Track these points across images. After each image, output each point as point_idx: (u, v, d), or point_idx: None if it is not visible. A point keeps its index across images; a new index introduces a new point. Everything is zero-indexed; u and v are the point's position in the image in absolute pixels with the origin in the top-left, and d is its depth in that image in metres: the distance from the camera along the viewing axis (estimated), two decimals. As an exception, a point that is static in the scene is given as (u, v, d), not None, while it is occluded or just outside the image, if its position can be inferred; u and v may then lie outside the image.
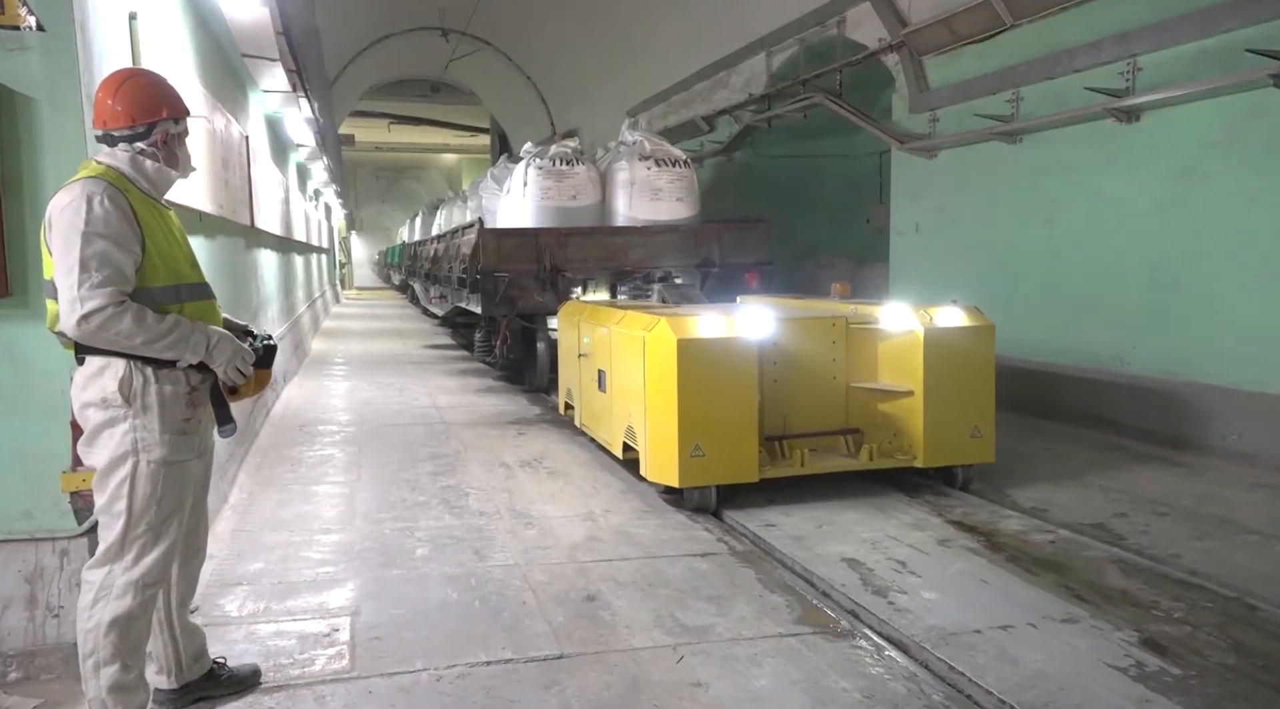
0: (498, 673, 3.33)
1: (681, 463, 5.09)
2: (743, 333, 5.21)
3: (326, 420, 8.43)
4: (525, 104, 25.16)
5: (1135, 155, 7.19)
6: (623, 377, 5.83)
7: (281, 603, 4.00)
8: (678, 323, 5.18)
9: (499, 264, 9.43)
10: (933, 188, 9.73)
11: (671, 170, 10.36)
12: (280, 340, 10.46)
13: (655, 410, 5.24)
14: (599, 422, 6.48)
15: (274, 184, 10.99)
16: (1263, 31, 5.91)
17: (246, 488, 5.96)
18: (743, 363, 5.18)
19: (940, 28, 8.83)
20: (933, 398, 5.45)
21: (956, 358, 5.51)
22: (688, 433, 5.06)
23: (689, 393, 5.05)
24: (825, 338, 5.78)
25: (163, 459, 2.74)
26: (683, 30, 15.25)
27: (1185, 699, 3.10)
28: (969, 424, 5.57)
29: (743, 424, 5.18)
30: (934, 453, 5.52)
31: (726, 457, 5.16)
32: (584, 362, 6.78)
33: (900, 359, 5.63)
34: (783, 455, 5.53)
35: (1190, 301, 6.76)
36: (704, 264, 9.94)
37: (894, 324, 5.69)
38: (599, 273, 9.78)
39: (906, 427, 5.59)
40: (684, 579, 4.27)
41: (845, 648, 3.53)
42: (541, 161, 10.31)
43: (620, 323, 5.93)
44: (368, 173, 42.47)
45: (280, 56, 7.51)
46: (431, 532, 5.00)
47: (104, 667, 2.71)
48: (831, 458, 5.60)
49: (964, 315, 5.63)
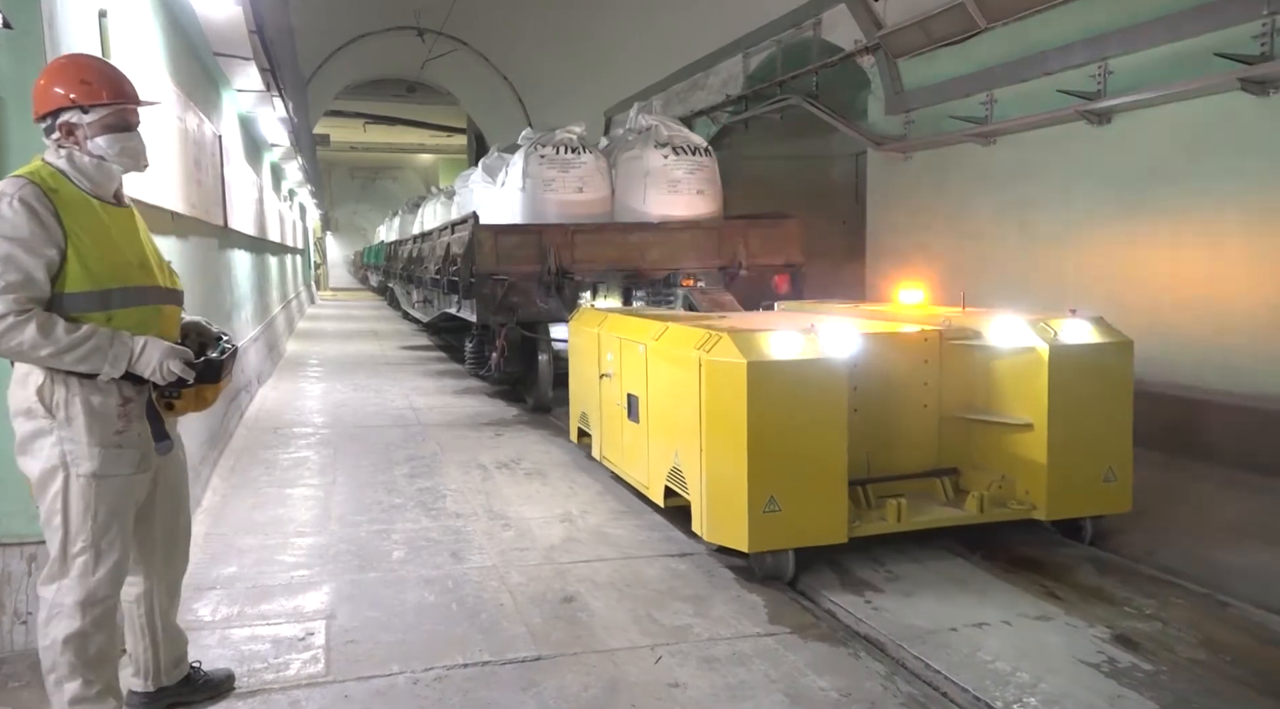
0: (475, 675, 3.32)
1: (752, 520, 4.02)
2: (828, 352, 4.15)
3: (302, 422, 8.35)
4: (502, 104, 25.08)
5: (1107, 157, 7.28)
6: (665, 405, 4.78)
7: (255, 607, 3.96)
8: (745, 340, 4.11)
9: (497, 265, 8.39)
10: (909, 189, 9.80)
11: (691, 159, 9.23)
12: (255, 342, 10.37)
13: (715, 451, 4.18)
14: (628, 458, 5.41)
15: (248, 184, 10.89)
16: (1230, 36, 6.00)
17: (220, 491, 5.90)
18: (829, 391, 4.12)
19: (915, 30, 8.90)
20: (1059, 432, 4.40)
21: (1088, 382, 4.47)
22: (760, 481, 4.01)
23: (762, 430, 4.00)
24: (915, 357, 4.78)
25: (92, 473, 2.60)
26: (660, 31, 15.28)
27: (1156, 694, 3.15)
28: (1102, 465, 4.52)
29: (829, 469, 4.13)
30: (1060, 501, 4.46)
31: (808, 511, 4.11)
32: (606, 383, 5.71)
33: (1014, 383, 4.58)
34: (867, 504, 4.50)
35: (1152, 303, 6.86)
36: (728, 265, 8.91)
37: (1004, 340, 4.62)
38: (611, 276, 8.73)
39: (1021, 468, 4.54)
40: (662, 579, 4.27)
41: (822, 647, 3.54)
42: (544, 149, 9.19)
43: (661, 338, 4.85)
44: (343, 173, 42.16)
45: (254, 55, 7.43)
46: (408, 534, 4.97)
47: (65, 683, 2.66)
48: (930, 508, 4.54)
49: (1094, 329, 4.58)
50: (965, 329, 4.86)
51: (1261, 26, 5.79)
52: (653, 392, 4.96)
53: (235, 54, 7.38)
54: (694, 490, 4.39)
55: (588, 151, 9.34)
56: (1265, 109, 5.97)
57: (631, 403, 5.25)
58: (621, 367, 5.46)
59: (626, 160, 9.40)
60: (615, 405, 5.54)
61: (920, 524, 4.39)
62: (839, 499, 4.17)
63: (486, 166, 10.92)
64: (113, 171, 2.69)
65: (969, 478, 4.74)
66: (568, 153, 9.21)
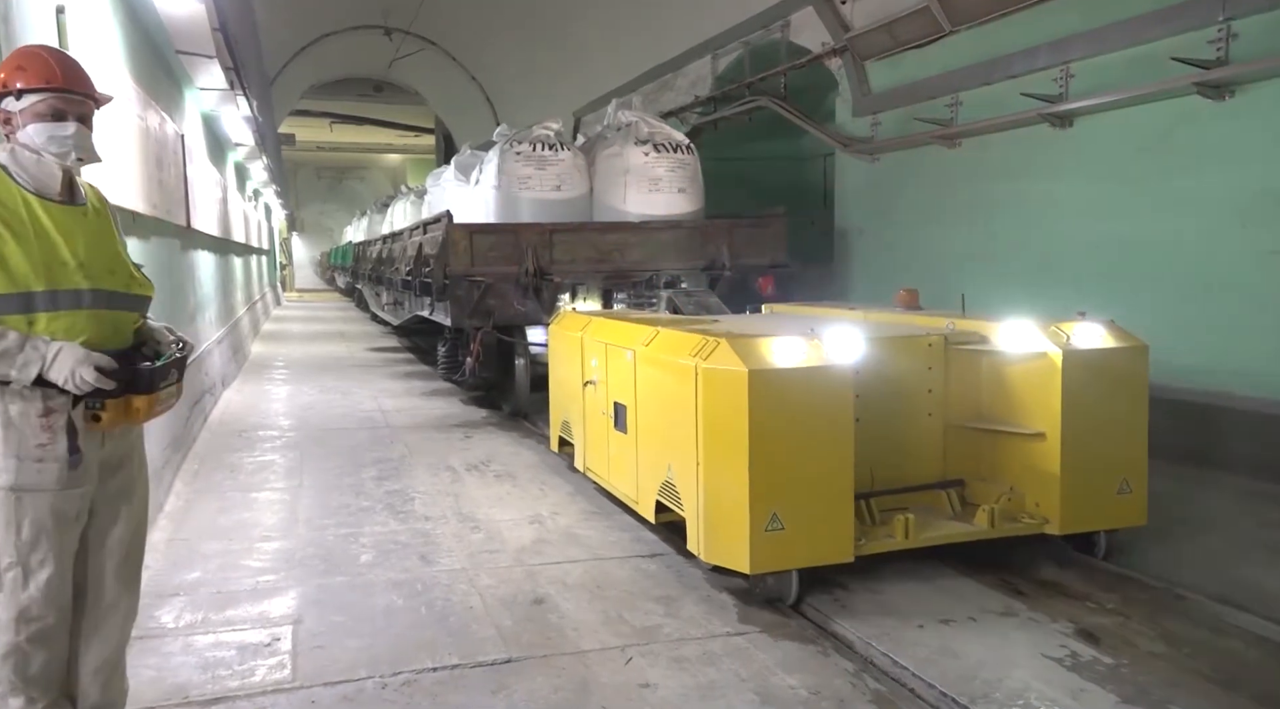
0: (444, 679, 3.30)
1: (754, 539, 3.77)
2: (833, 359, 3.92)
3: (267, 425, 8.25)
4: (470, 104, 24.95)
5: (1069, 159, 7.40)
6: (657, 415, 4.54)
7: (220, 613, 3.91)
8: (745, 347, 3.89)
9: (472, 266, 8.08)
10: (876, 190, 9.89)
11: (672, 156, 8.97)
12: (219, 344, 10.22)
13: (714, 465, 3.95)
14: (615, 470, 5.15)
15: (211, 184, 10.74)
16: (1187, 41, 6.13)
17: (183, 496, 5.81)
18: (834, 400, 3.89)
19: (881, 33, 8.98)
20: (1073, 442, 4.20)
21: (1103, 389, 4.28)
22: (763, 498, 3.77)
23: (765, 443, 3.77)
24: (919, 363, 4.57)
25: (10, 486, 2.44)
26: (629, 32, 15.29)
27: (1117, 687, 3.20)
28: (1116, 476, 4.34)
29: (834, 484, 3.89)
30: (1074, 514, 4.27)
31: (813, 529, 3.88)
32: (591, 391, 5.43)
33: (1024, 390, 4.37)
34: (872, 520, 4.25)
35: (1116, 303, 6.97)
36: (712, 266, 8.68)
37: (1013, 345, 4.41)
38: (590, 277, 8.46)
39: (1031, 479, 4.34)
40: (632, 580, 4.27)
41: (792, 645, 3.56)
42: (520, 146, 8.88)
43: (652, 344, 4.61)
44: (309, 172, 41.69)
45: (217, 53, 7.33)
46: (376, 537, 4.93)
47: (8, 698, 2.56)
48: (938, 523, 4.30)
49: (1107, 333, 4.38)
50: (970, 333, 4.65)
51: (1217, 32, 5.92)
52: (642, 401, 4.71)
53: (198, 52, 7.28)
54: (690, 507, 4.14)
55: (565, 148, 9.07)
56: (1221, 112, 6.10)
57: (619, 412, 5.00)
58: (607, 373, 5.21)
59: (606, 157, 9.14)
60: (600, 414, 5.30)
61: (929, 540, 4.17)
62: (845, 516, 3.93)
63: (460, 164, 10.70)
64: (53, 167, 2.52)
65: (975, 490, 4.52)
66: (545, 150, 8.92)
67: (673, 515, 4.40)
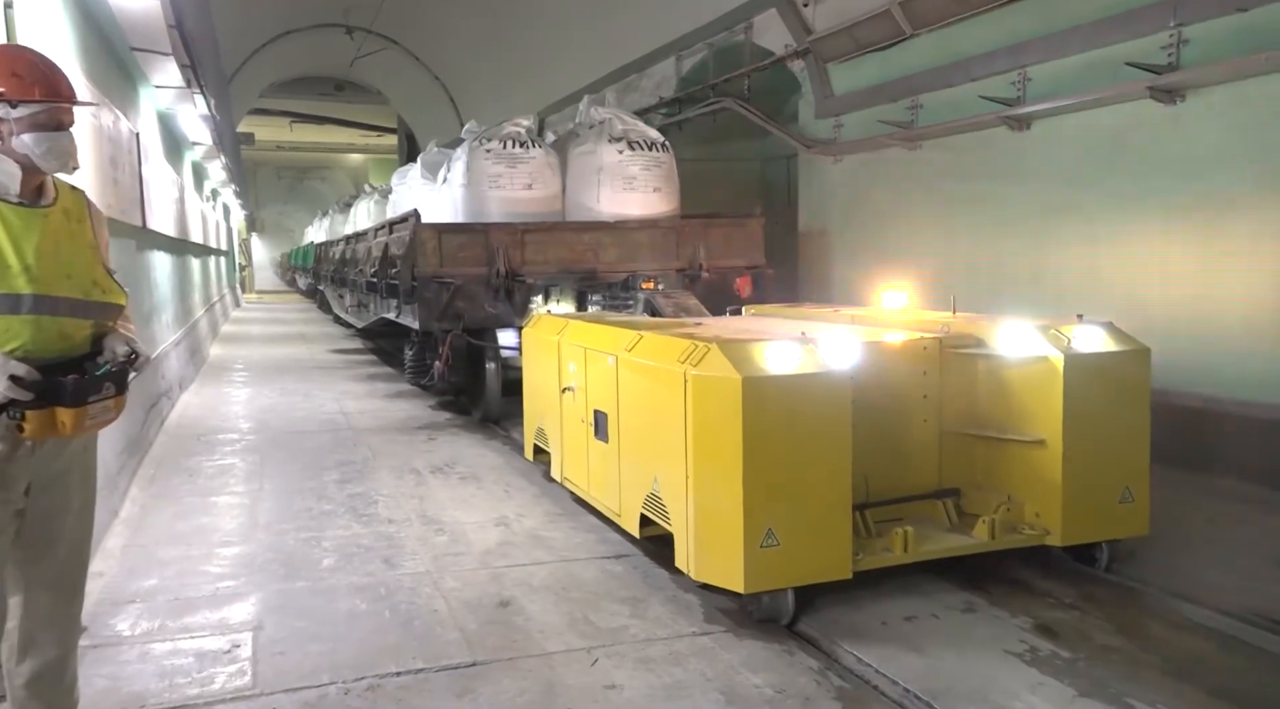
0: (409, 683, 3.27)
1: (748, 556, 3.59)
2: (830, 365, 3.75)
3: (226, 429, 8.12)
4: (433, 104, 24.77)
5: (1027, 162, 7.52)
6: (641, 424, 4.35)
7: (178, 620, 3.84)
8: (737, 352, 3.70)
9: (441, 267, 7.84)
10: (839, 192, 9.98)
11: (647, 154, 8.73)
12: (176, 346, 10.04)
13: (704, 478, 3.76)
14: (596, 481, 4.94)
15: (168, 183, 10.55)
16: (1141, 46, 6.25)
17: (139, 501, 5.70)
18: (832, 408, 3.71)
19: (843, 35, 9.06)
20: (1075, 450, 4.06)
21: (1105, 394, 4.15)
22: (757, 512, 3.58)
23: (759, 454, 3.58)
24: (915, 367, 4.39)
25: None
26: (593, 32, 15.27)
27: (1074, 681, 3.26)
28: (1118, 485, 4.20)
29: (832, 496, 3.72)
30: (1077, 525, 4.13)
31: (810, 544, 3.70)
32: (569, 398, 5.24)
33: (1023, 396, 4.22)
34: (867, 532, 4.06)
35: (1072, 302, 7.10)
36: (688, 267, 8.47)
37: (1012, 348, 4.26)
38: (564, 278, 8.25)
39: (1031, 488, 4.20)
40: (598, 581, 4.27)
41: (757, 644, 3.58)
42: (490, 143, 8.64)
43: (635, 349, 4.38)
44: (269, 172, 41.14)
45: (173, 50, 7.20)
46: (339, 541, 4.87)
47: None
48: (936, 535, 4.15)
49: (1108, 336, 4.26)
50: (966, 336, 4.45)
51: (1169, 37, 6.05)
52: (625, 408, 4.51)
53: (153, 49, 7.15)
54: (678, 522, 3.93)
55: (537, 146, 8.81)
56: (1173, 117, 6.23)
57: (599, 420, 4.78)
58: (586, 380, 4.97)
59: (578, 155, 8.86)
60: (579, 422, 5.07)
61: (928, 554, 4.01)
62: (843, 530, 3.75)
63: (426, 163, 10.48)
64: (12, 168, 2.45)
65: (972, 499, 4.36)
66: (515, 147, 8.66)
67: (658, 529, 4.21)
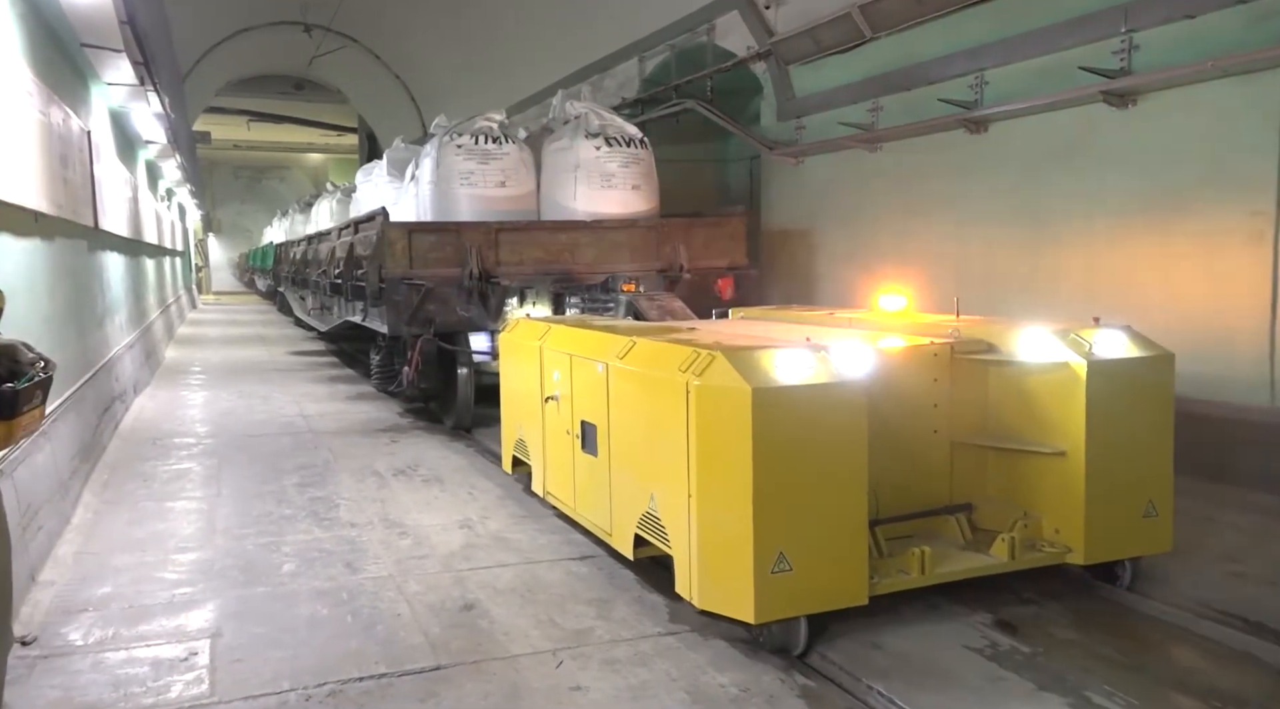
0: (371, 689, 3.23)
1: (759, 582, 3.32)
2: (844, 374, 3.49)
3: (183, 432, 7.97)
4: (395, 104, 24.54)
5: (985, 163, 7.64)
6: (635, 437, 4.06)
7: (133, 628, 3.76)
8: (745, 361, 3.42)
9: (410, 269, 7.48)
10: (801, 193, 10.05)
11: (625, 151, 8.39)
12: (130, 349, 9.84)
13: (710, 497, 3.47)
14: (583, 497, 4.65)
15: (120, 183, 10.32)
16: (1094, 50, 6.38)
17: (92, 507, 5.57)
18: (847, 420, 3.46)
19: (805, 38, 9.13)
20: (1098, 462, 3.81)
21: (1129, 402, 3.90)
22: (768, 535, 3.32)
23: (770, 471, 3.32)
24: (924, 374, 4.12)
25: None
26: (556, 32, 15.22)
27: (1033, 675, 3.32)
28: (1142, 498, 3.95)
29: (847, 516, 3.47)
30: (1100, 541, 3.86)
31: (824, 568, 3.45)
32: (553, 408, 4.91)
33: (1041, 404, 3.97)
34: (878, 551, 3.76)
35: (1031, 305, 7.23)
36: (668, 268, 8.19)
37: (1029, 353, 4.01)
38: (540, 280, 7.93)
39: (1049, 503, 3.96)
40: (563, 583, 4.25)
41: (722, 644, 3.59)
42: (461, 138, 8.31)
43: (628, 356, 4.10)
44: (226, 172, 40.54)
45: (125, 47, 7.03)
46: (299, 546, 4.81)
47: None
48: (952, 554, 3.88)
49: (1130, 341, 3.99)
50: (977, 341, 4.20)
51: (1120, 43, 6.18)
52: (617, 420, 4.20)
53: (105, 45, 6.98)
54: (679, 544, 3.65)
55: (510, 142, 8.47)
56: (1125, 119, 6.37)
57: (587, 432, 4.48)
58: (573, 388, 4.67)
59: (554, 152, 8.53)
60: (564, 434, 4.76)
61: (947, 576, 3.75)
62: (858, 551, 3.51)
63: (393, 160, 10.21)
64: None
65: (985, 514, 4.11)
66: (488, 143, 8.32)
67: (654, 550, 3.93)
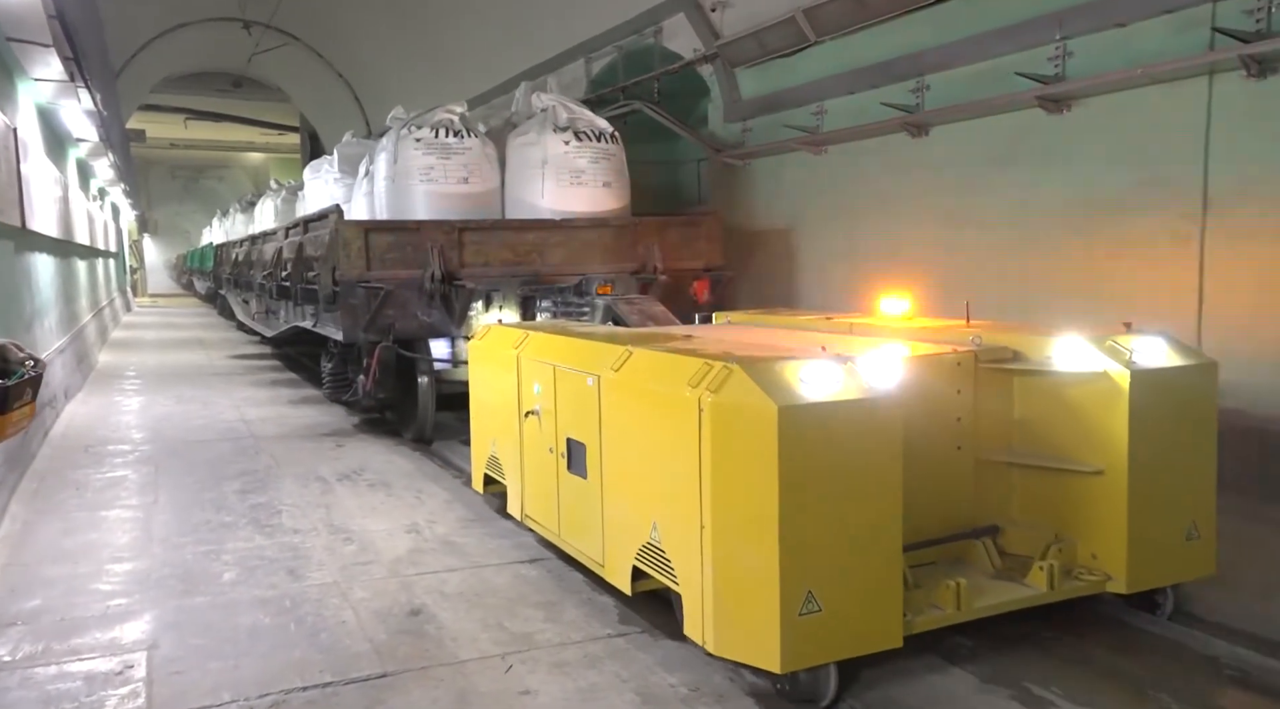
0: (316, 698, 3.17)
1: (785, 626, 2.94)
2: (876, 387, 3.15)
3: (118, 439, 7.74)
4: (338, 103, 24.14)
5: (926, 167, 7.78)
6: (633, 458, 3.64)
7: (65, 642, 3.64)
8: (766, 374, 3.04)
9: (367, 270, 7.02)
10: (748, 195, 10.12)
11: (596, 146, 7.98)
12: (60, 354, 9.53)
13: (726, 529, 3.08)
14: (570, 522, 4.21)
15: (50, 182, 9.99)
16: (1029, 57, 6.54)
17: (20, 517, 5.38)
18: (881, 442, 3.11)
19: (750, 41, 9.20)
20: (1141, 481, 3.50)
21: (1172, 416, 3.59)
22: (796, 572, 2.95)
23: (798, 500, 2.95)
24: (947, 385, 3.76)
25: None
26: (501, 32, 15.12)
27: (976, 668, 3.39)
28: (1184, 519, 3.64)
29: (880, 549, 3.11)
30: (1143, 568, 3.56)
31: (856, 608, 3.08)
32: (534, 423, 4.48)
33: (1075, 418, 3.65)
34: (906, 583, 3.30)
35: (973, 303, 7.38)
36: (642, 270, 7.77)
37: (1061, 362, 3.68)
38: (507, 282, 7.46)
39: (1085, 525, 3.65)
40: (512, 587, 4.22)
41: (672, 644, 3.59)
42: (420, 132, 7.84)
43: (625, 368, 3.69)
44: (163, 171, 39.53)
45: (54, 42, 6.82)
46: (240, 553, 4.70)
47: None
48: (985, 584, 3.55)
49: (1170, 349, 3.66)
50: (1000, 349, 3.85)
51: (1055, 49, 6.34)
52: (611, 439, 3.78)
53: (32, 39, 6.76)
54: (687, 580, 3.25)
55: (473, 135, 8.00)
56: (1059, 125, 6.54)
57: (574, 451, 4.06)
58: (557, 402, 4.24)
59: (520, 147, 8.09)
60: (547, 453, 4.33)
61: (985, 611, 3.41)
62: (893, 588, 3.14)
63: (343, 155, 9.82)
64: None
65: (1012, 538, 3.80)
66: (449, 136, 7.85)
67: (654, 583, 3.56)
